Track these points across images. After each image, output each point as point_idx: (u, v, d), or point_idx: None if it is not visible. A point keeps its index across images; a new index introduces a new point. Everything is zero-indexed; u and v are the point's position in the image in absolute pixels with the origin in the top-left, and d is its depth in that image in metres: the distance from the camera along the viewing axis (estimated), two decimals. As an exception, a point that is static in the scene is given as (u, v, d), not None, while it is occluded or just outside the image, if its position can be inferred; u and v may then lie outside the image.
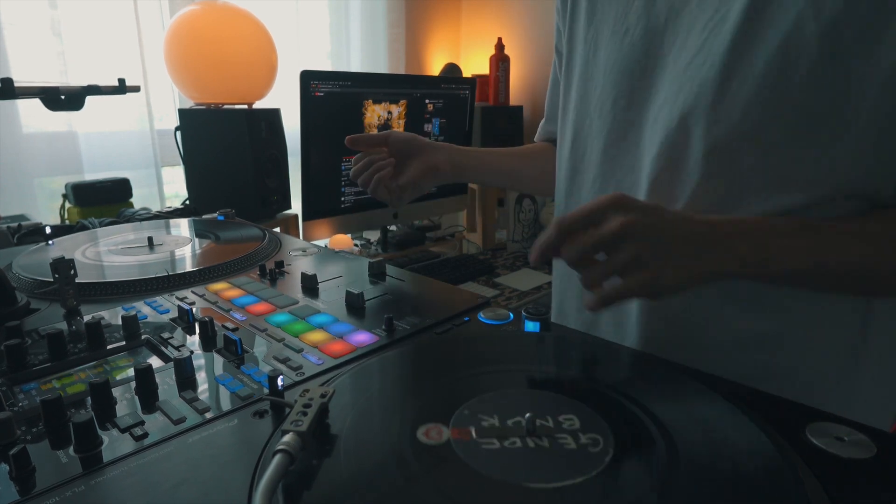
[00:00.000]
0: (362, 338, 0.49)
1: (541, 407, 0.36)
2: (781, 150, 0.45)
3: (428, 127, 1.63)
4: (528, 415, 0.34)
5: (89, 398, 0.39)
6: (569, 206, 0.65)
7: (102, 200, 1.26)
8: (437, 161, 0.71)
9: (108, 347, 0.48)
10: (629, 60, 0.54)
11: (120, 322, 0.50)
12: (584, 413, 0.36)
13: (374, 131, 1.49)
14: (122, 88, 0.75)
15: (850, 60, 0.42)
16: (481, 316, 0.53)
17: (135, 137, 1.54)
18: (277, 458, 0.29)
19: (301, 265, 0.71)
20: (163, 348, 0.48)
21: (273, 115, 1.38)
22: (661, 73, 0.52)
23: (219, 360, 0.45)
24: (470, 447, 0.33)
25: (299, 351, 0.47)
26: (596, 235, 0.42)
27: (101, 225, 1.00)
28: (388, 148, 0.72)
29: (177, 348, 0.48)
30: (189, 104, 1.48)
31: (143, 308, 0.57)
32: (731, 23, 0.45)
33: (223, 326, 0.51)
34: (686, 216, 0.45)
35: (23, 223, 0.98)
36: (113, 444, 0.34)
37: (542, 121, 0.78)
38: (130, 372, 0.44)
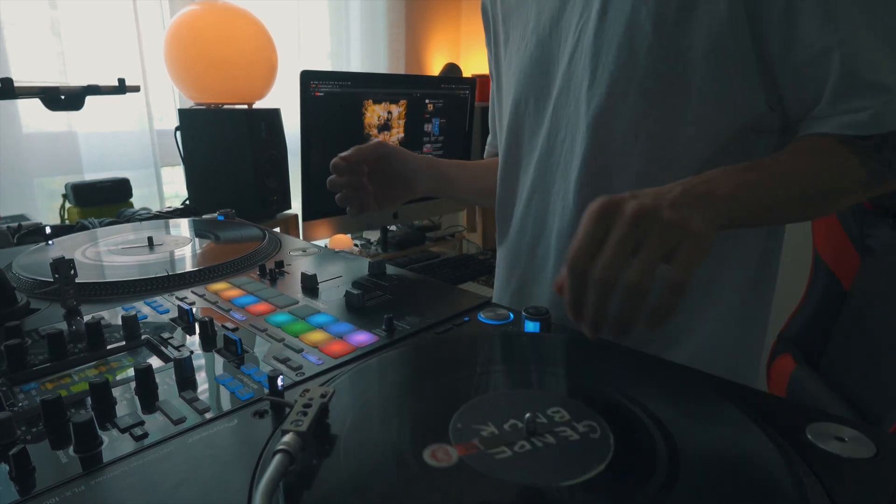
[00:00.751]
0: (362, 338, 0.49)
1: (528, 406, 0.36)
2: (641, 116, 0.56)
3: (428, 127, 1.63)
4: (527, 415, 0.34)
5: (89, 398, 0.39)
6: (506, 198, 0.74)
7: (102, 200, 1.26)
8: (416, 187, 0.76)
9: (108, 347, 0.48)
10: (531, 67, 0.65)
11: (120, 322, 0.50)
12: (570, 405, 0.36)
13: (374, 131, 1.49)
14: (121, 88, 0.75)
15: (676, 35, 0.52)
16: (481, 316, 0.53)
17: (135, 137, 1.55)
18: (277, 457, 0.29)
19: (301, 265, 0.71)
20: (163, 348, 0.48)
21: (273, 115, 1.38)
22: (554, 73, 0.63)
23: (219, 361, 0.45)
24: (483, 459, 0.31)
25: (299, 351, 0.47)
26: (614, 244, 0.38)
27: (101, 225, 1.00)
28: (376, 160, 0.72)
29: (177, 348, 0.48)
30: (189, 104, 1.48)
31: (143, 308, 0.57)
32: (592, 22, 0.57)
33: (223, 326, 0.51)
34: (658, 188, 0.44)
35: (23, 223, 0.98)
36: (113, 444, 0.34)
37: (489, 138, 0.87)
38: (130, 372, 0.44)
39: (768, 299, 0.65)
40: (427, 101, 1.60)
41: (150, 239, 0.79)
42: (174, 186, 1.70)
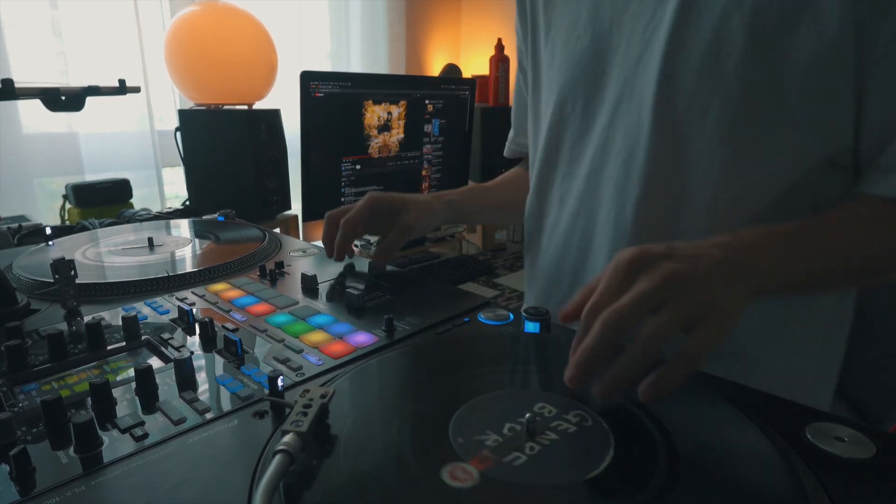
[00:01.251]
0: (362, 338, 0.49)
1: (514, 407, 0.37)
2: (720, 138, 0.49)
3: (428, 127, 1.63)
4: (527, 415, 0.34)
5: (89, 398, 0.39)
6: (540, 205, 0.67)
7: (103, 201, 1.26)
8: (418, 228, 0.70)
9: (109, 348, 0.48)
10: (582, 65, 0.58)
11: (120, 323, 0.51)
12: (551, 399, 0.38)
13: (374, 132, 1.49)
14: (122, 89, 0.75)
15: (773, 49, 0.46)
16: (481, 316, 0.53)
17: (135, 138, 1.55)
18: (278, 458, 0.29)
19: (301, 266, 0.71)
20: (163, 349, 0.48)
21: (273, 116, 1.38)
22: (613, 75, 0.55)
23: (219, 361, 0.45)
24: (503, 470, 0.31)
25: (299, 351, 0.47)
26: (636, 295, 0.35)
27: (102, 225, 1.00)
28: (368, 216, 0.70)
29: (177, 349, 0.48)
30: (189, 105, 1.48)
31: (143, 309, 0.57)
32: (668, 23, 0.49)
33: (223, 327, 0.51)
34: (698, 246, 0.40)
35: (23, 224, 0.98)
36: (113, 444, 0.34)
37: (511, 134, 0.80)
38: (130, 372, 0.44)
39: (840, 353, 0.60)
40: (427, 101, 1.60)
41: (150, 240, 0.79)
42: (174, 187, 1.70)
